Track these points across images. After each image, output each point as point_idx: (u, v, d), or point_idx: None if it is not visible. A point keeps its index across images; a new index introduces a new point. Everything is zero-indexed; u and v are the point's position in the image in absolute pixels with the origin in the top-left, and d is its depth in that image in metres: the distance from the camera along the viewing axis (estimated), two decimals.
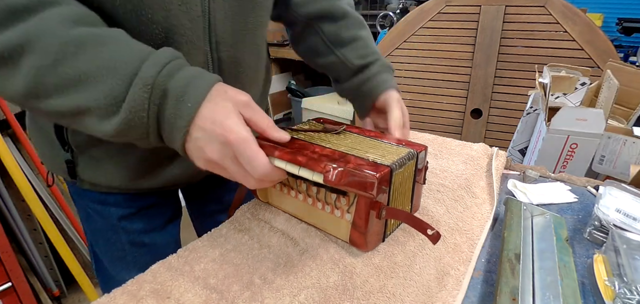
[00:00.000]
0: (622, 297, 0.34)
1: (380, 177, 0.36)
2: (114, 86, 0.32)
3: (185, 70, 0.34)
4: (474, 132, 1.44)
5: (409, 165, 0.42)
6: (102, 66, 0.32)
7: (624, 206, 0.46)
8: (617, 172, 0.74)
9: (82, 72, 0.32)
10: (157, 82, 0.32)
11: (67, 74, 0.32)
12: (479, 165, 0.61)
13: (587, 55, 1.21)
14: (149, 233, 0.56)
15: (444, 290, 0.37)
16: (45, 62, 0.31)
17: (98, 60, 0.32)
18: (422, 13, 1.44)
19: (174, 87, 0.33)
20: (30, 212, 1.23)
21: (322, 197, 0.43)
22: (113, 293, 0.36)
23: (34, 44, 0.31)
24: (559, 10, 1.23)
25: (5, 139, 1.16)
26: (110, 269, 0.58)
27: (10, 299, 1.14)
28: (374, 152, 0.41)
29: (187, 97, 0.33)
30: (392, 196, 0.40)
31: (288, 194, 0.47)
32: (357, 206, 0.39)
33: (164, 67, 0.33)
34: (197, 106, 0.33)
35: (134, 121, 0.33)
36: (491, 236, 0.47)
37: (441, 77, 1.46)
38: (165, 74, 0.33)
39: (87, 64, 0.32)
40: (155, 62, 0.33)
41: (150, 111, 0.33)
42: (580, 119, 0.72)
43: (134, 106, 0.32)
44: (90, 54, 0.32)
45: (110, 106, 0.32)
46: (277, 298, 0.35)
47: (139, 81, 0.32)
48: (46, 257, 1.31)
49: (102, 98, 0.32)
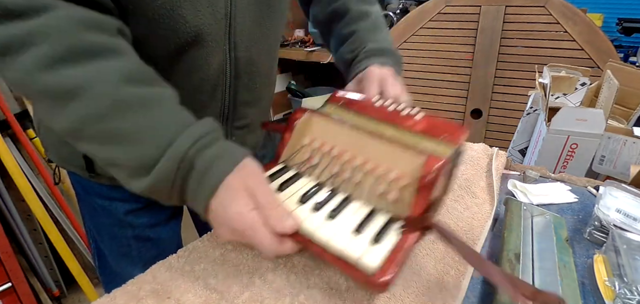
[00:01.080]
0: (622, 297, 0.34)
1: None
2: (149, 152, 0.34)
3: (215, 146, 0.36)
4: (474, 132, 1.44)
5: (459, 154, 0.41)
6: (143, 131, 0.34)
7: (624, 206, 0.46)
8: (617, 172, 0.74)
9: (123, 131, 0.33)
10: (187, 157, 0.34)
11: (110, 130, 0.33)
12: (479, 165, 0.61)
13: (587, 56, 1.21)
14: (154, 228, 0.58)
15: (444, 290, 0.37)
16: (92, 113, 0.33)
17: (140, 124, 0.34)
18: (422, 13, 1.44)
19: (201, 162, 0.34)
20: (30, 212, 1.23)
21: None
22: (113, 293, 0.36)
23: (85, 93, 0.32)
24: (559, 10, 1.23)
25: (5, 140, 1.16)
26: (114, 265, 0.59)
27: (10, 299, 1.14)
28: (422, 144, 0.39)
29: (212, 173, 0.34)
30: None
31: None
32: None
33: (196, 142, 0.35)
34: (218, 182, 0.34)
35: (159, 185, 0.34)
36: (491, 236, 0.47)
37: (441, 77, 1.46)
38: (196, 149, 0.34)
39: (129, 125, 0.33)
40: (189, 135, 0.34)
41: (176, 182, 0.34)
42: (580, 119, 0.72)
43: (161, 176, 0.34)
44: (135, 117, 0.34)
45: (141, 168, 0.34)
46: (277, 298, 0.35)
47: (171, 153, 0.34)
48: (46, 257, 1.31)
49: (136, 159, 0.34)
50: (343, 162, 0.41)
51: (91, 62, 0.33)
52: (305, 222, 0.35)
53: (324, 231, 0.34)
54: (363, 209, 0.38)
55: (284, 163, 0.45)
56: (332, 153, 0.42)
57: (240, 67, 0.50)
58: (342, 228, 0.35)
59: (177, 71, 0.45)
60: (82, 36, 0.32)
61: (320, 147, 0.43)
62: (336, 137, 0.42)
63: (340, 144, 0.42)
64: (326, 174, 0.42)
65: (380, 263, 0.32)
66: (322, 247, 0.34)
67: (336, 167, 0.41)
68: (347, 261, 0.32)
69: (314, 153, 0.43)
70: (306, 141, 0.45)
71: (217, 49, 0.46)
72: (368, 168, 0.39)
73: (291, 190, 0.40)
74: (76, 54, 0.32)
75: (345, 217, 0.37)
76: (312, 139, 0.44)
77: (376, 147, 0.39)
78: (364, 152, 0.40)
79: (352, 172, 0.40)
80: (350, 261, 0.32)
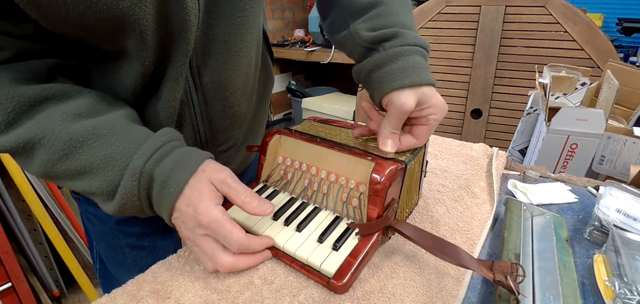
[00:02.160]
0: (622, 297, 0.34)
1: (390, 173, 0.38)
2: (112, 176, 0.36)
3: (173, 155, 0.37)
4: (474, 133, 1.44)
5: (419, 157, 0.44)
6: (102, 160, 0.36)
7: (624, 206, 0.46)
8: (617, 172, 0.74)
9: (85, 165, 0.36)
10: (144, 171, 0.35)
11: (73, 166, 0.36)
12: (479, 165, 0.61)
13: (587, 56, 1.21)
14: (149, 237, 0.56)
15: (444, 290, 0.37)
16: (54, 156, 0.35)
17: (98, 154, 0.36)
18: (422, 13, 1.44)
19: (159, 174, 0.36)
20: (30, 212, 1.23)
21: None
22: (113, 293, 0.36)
23: (42, 141, 0.35)
24: (559, 10, 1.23)
25: None
26: (112, 271, 0.58)
27: (10, 299, 1.14)
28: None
29: (170, 183, 0.36)
30: (403, 190, 0.42)
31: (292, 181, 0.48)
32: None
33: (152, 155, 0.36)
34: (179, 191, 0.36)
35: (128, 204, 0.36)
36: (491, 236, 0.47)
37: (441, 77, 1.46)
38: (152, 162, 0.36)
39: (89, 158, 0.35)
40: (144, 152, 0.36)
41: (141, 195, 0.36)
42: (580, 119, 0.72)
43: (126, 193, 0.35)
44: (91, 149, 0.36)
45: (110, 192, 0.36)
46: (277, 298, 0.35)
47: (129, 172, 0.35)
48: (46, 257, 1.31)
49: (104, 186, 0.36)
50: (311, 175, 0.45)
51: (38, 112, 0.35)
52: (276, 238, 0.40)
53: (291, 243, 0.39)
54: (328, 219, 0.43)
55: (263, 183, 0.50)
56: (302, 168, 0.46)
57: (208, 93, 0.45)
58: (308, 238, 0.40)
59: (136, 105, 0.42)
60: (22, 94, 0.34)
61: (291, 164, 0.47)
62: (303, 153, 0.46)
63: (307, 159, 0.46)
64: (299, 188, 0.47)
65: (338, 267, 0.36)
66: (291, 257, 0.39)
67: (306, 180, 0.46)
68: (312, 267, 0.37)
69: (288, 170, 0.48)
70: (279, 160, 0.49)
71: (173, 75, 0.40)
72: (332, 179, 0.44)
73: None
74: (21, 112, 0.34)
75: (311, 228, 0.41)
76: (284, 157, 0.48)
77: (337, 159, 0.43)
78: (327, 164, 0.44)
79: (319, 183, 0.45)
80: (314, 267, 0.37)
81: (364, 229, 0.39)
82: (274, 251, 0.40)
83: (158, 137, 0.37)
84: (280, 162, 0.49)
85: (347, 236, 0.39)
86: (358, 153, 0.41)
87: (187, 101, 0.44)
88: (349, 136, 0.48)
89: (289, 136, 0.47)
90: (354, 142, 0.45)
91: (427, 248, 0.37)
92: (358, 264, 0.37)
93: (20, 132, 0.34)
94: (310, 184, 0.45)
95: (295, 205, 0.45)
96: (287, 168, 0.48)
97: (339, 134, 0.48)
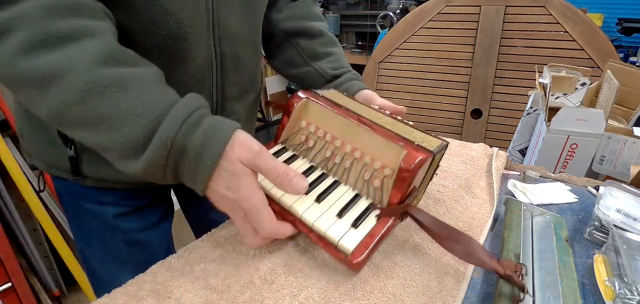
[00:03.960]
0: (622, 297, 0.34)
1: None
2: (132, 132, 0.34)
3: (203, 125, 0.36)
4: (474, 133, 1.44)
5: (441, 154, 0.44)
6: (122, 112, 0.33)
7: (624, 206, 0.46)
8: (617, 172, 0.74)
9: (103, 114, 0.33)
10: (175, 142, 0.34)
11: (90, 114, 0.33)
12: (479, 165, 0.61)
13: (587, 56, 1.21)
14: (144, 231, 0.57)
15: (444, 290, 0.37)
16: (70, 97, 0.33)
17: (119, 105, 0.33)
18: (422, 13, 1.44)
19: (193, 145, 0.35)
20: (30, 212, 1.23)
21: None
22: (113, 293, 0.36)
23: (62, 77, 0.32)
24: (559, 10, 1.23)
25: (5, 139, 1.16)
26: (101, 270, 0.57)
27: (10, 299, 1.14)
28: (414, 135, 0.42)
29: (206, 155, 0.35)
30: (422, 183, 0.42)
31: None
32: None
33: (183, 124, 0.35)
34: (215, 162, 0.35)
35: (151, 170, 0.35)
36: (491, 236, 0.47)
37: (441, 77, 1.46)
38: (184, 131, 0.35)
39: (109, 107, 0.33)
40: (175, 120, 0.34)
41: (168, 164, 0.35)
42: (580, 119, 0.72)
43: (153, 161, 0.34)
44: (114, 98, 0.33)
45: (128, 150, 0.34)
46: (277, 298, 0.35)
47: (158, 139, 0.34)
48: (46, 257, 1.31)
49: (120, 142, 0.34)
50: (335, 148, 0.44)
51: (68, 46, 0.33)
52: (295, 204, 0.39)
53: (310, 213, 0.38)
54: (348, 194, 0.42)
55: (283, 144, 0.48)
56: (326, 138, 0.45)
57: (226, 63, 0.51)
58: (327, 211, 0.39)
59: (163, 65, 0.44)
60: (58, 22, 0.32)
61: (315, 132, 0.46)
62: (330, 123, 0.45)
63: (333, 130, 0.45)
64: (319, 157, 0.45)
65: (356, 245, 0.36)
66: (309, 227, 0.38)
67: (329, 151, 0.44)
68: (329, 241, 0.37)
69: (310, 136, 0.46)
70: (303, 125, 0.47)
71: (201, 44, 0.47)
72: (357, 155, 0.42)
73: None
74: (52, 40, 0.32)
75: (330, 200, 0.41)
76: (308, 123, 0.47)
77: (366, 137, 0.42)
78: (354, 140, 0.43)
79: (343, 157, 0.43)
80: (331, 242, 0.37)
81: (385, 213, 0.39)
82: (290, 218, 0.39)
83: (188, 104, 0.36)
84: (303, 126, 0.47)
85: (366, 215, 0.39)
86: (390, 136, 0.40)
87: (209, 66, 0.49)
88: (375, 113, 0.46)
89: (317, 102, 0.46)
90: (382, 121, 0.44)
91: (440, 236, 0.37)
92: (374, 245, 0.36)
93: (44, 61, 0.32)
94: (332, 155, 0.44)
95: (315, 174, 0.44)
96: (310, 134, 0.46)
97: (367, 110, 0.46)
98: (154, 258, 0.41)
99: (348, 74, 0.65)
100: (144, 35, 0.43)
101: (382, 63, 1.55)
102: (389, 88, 1.55)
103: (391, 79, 1.54)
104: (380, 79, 1.57)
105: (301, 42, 0.66)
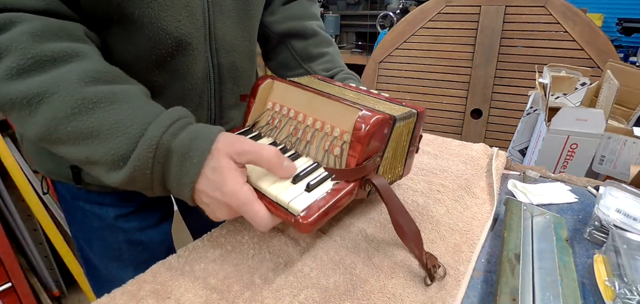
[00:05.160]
0: (622, 297, 0.34)
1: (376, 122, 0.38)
2: (121, 144, 0.35)
3: (188, 129, 0.37)
4: (474, 133, 1.44)
5: (408, 122, 0.43)
6: (112, 125, 0.35)
7: (624, 206, 0.46)
8: (617, 172, 0.74)
9: (93, 128, 0.35)
10: (161, 143, 0.35)
11: (79, 128, 0.34)
12: (479, 165, 0.61)
13: (587, 56, 1.21)
14: (145, 230, 0.58)
15: (443, 290, 0.37)
16: (59, 115, 0.34)
17: (109, 118, 0.35)
18: (422, 13, 1.44)
19: (178, 146, 0.36)
20: (30, 212, 1.23)
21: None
22: (113, 293, 0.36)
23: (51, 97, 0.34)
24: (559, 10, 1.23)
25: (5, 139, 1.16)
26: (103, 269, 0.58)
27: (10, 299, 1.14)
28: (379, 105, 0.42)
29: (192, 154, 0.36)
30: (388, 150, 0.42)
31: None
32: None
33: (169, 128, 0.36)
34: (203, 160, 0.36)
35: (138, 176, 0.35)
36: (491, 236, 0.47)
37: (441, 77, 1.46)
38: (170, 134, 0.36)
39: (98, 122, 0.35)
40: (160, 124, 0.36)
41: (155, 168, 0.36)
42: (580, 119, 0.72)
43: (139, 165, 0.35)
44: (103, 113, 0.35)
45: (117, 161, 0.35)
46: (277, 298, 0.35)
47: (144, 142, 0.35)
48: (46, 257, 1.31)
49: (110, 154, 0.35)
50: (297, 122, 0.44)
51: (55, 68, 0.34)
52: (251, 179, 0.39)
53: (263, 182, 0.38)
54: (305, 163, 0.41)
55: (249, 127, 0.49)
56: (289, 115, 0.45)
57: (223, 73, 0.52)
58: (283, 181, 0.39)
59: (162, 81, 0.46)
60: (46, 45, 0.34)
61: (280, 111, 0.46)
62: (293, 100, 0.46)
63: (295, 105, 0.45)
64: (284, 134, 0.45)
65: (307, 207, 0.35)
66: (267, 198, 0.37)
67: (292, 127, 0.45)
68: (281, 205, 0.36)
69: (275, 116, 0.47)
70: (269, 106, 0.48)
71: (199, 57, 0.48)
72: (317, 126, 0.43)
73: None
74: (41, 63, 0.34)
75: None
76: (273, 103, 0.47)
77: (325, 106, 0.42)
78: (315, 111, 0.43)
79: (304, 130, 0.43)
80: (282, 205, 0.36)
81: (340, 175, 0.38)
82: (258, 194, 0.38)
83: (172, 112, 0.37)
84: (269, 107, 0.48)
85: (323, 182, 0.38)
86: (347, 102, 0.40)
87: (207, 78, 0.51)
88: (346, 90, 0.46)
89: (282, 82, 0.47)
90: (349, 95, 0.44)
91: (391, 211, 0.38)
92: (328, 207, 0.35)
93: (32, 83, 0.33)
94: (295, 130, 0.44)
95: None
96: (275, 114, 0.46)
97: (337, 89, 0.46)
98: (155, 257, 0.42)
99: (341, 74, 0.65)
100: (143, 54, 0.44)
101: (382, 63, 1.55)
102: (389, 88, 1.55)
103: (391, 79, 1.54)
104: (380, 79, 1.57)
105: (295, 44, 0.66)
